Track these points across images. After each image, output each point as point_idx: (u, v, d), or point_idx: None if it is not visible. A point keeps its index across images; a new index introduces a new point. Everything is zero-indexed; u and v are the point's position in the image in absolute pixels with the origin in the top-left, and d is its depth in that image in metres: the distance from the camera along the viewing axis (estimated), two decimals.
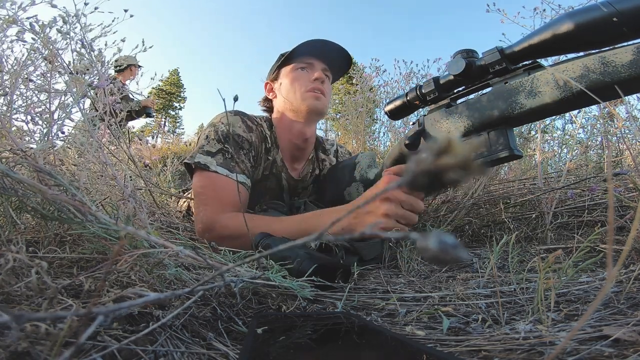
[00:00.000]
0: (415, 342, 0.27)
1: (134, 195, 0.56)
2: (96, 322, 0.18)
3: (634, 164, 0.69)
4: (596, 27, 0.45)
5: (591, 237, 0.43)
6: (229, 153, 0.89)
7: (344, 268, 0.54)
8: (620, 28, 0.43)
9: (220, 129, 0.91)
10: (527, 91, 0.56)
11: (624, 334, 0.29)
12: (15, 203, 0.47)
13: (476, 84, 0.65)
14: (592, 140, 1.33)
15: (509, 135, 0.61)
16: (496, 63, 0.59)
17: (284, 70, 1.04)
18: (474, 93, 0.68)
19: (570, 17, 0.48)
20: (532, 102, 0.56)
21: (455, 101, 0.70)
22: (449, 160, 0.12)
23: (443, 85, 0.68)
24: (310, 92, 0.98)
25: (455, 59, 0.62)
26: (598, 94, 0.48)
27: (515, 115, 0.58)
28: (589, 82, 0.49)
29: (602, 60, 0.48)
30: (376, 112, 2.72)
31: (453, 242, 0.13)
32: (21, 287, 0.30)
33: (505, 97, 0.59)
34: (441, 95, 0.69)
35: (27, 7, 0.61)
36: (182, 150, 4.49)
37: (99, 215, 0.35)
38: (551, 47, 0.52)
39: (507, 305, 0.42)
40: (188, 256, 0.34)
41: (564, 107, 0.54)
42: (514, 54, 0.57)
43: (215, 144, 0.89)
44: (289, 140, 1.05)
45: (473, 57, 0.62)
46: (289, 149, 1.06)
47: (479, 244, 0.89)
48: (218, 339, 0.34)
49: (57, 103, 0.58)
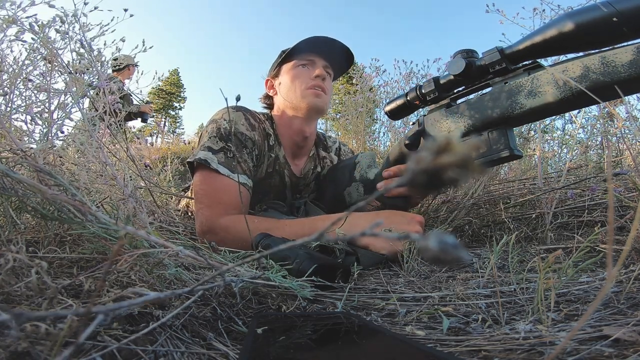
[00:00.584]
0: (415, 342, 0.27)
1: (134, 195, 0.56)
2: (96, 322, 0.18)
3: (634, 164, 0.69)
4: (596, 27, 0.45)
5: (591, 237, 0.43)
6: (231, 152, 0.87)
7: (344, 268, 0.54)
8: (620, 28, 0.44)
9: (222, 126, 0.89)
10: (527, 91, 0.56)
11: (624, 334, 0.29)
12: (15, 203, 0.47)
13: (476, 84, 0.65)
14: (592, 140, 1.33)
15: (509, 135, 0.61)
16: (496, 63, 0.59)
17: (285, 67, 1.03)
18: (474, 93, 0.68)
19: (570, 17, 0.48)
20: (532, 102, 0.56)
21: (455, 101, 0.70)
22: (448, 159, 0.12)
23: (443, 85, 0.68)
24: (311, 90, 0.97)
25: (455, 59, 0.62)
26: (598, 93, 0.49)
27: (515, 115, 0.58)
28: (589, 82, 0.49)
29: (602, 60, 0.48)
30: (376, 112, 2.72)
31: (453, 242, 0.13)
32: (21, 287, 0.30)
33: (505, 97, 0.59)
34: (441, 95, 0.69)
35: (27, 8, 0.60)
36: (182, 150, 4.49)
37: (98, 215, 0.35)
38: (551, 47, 0.52)
39: (507, 305, 0.42)
40: (188, 256, 0.34)
41: (564, 107, 0.55)
42: (514, 54, 0.57)
43: (217, 141, 0.87)
44: (289, 136, 1.04)
45: (473, 57, 0.62)
46: (290, 145, 1.06)
47: (479, 244, 0.89)
48: (218, 339, 0.34)
49: (56, 103, 0.58)
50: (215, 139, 0.88)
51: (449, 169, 0.12)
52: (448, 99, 0.70)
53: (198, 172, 0.87)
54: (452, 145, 0.12)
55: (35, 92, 0.59)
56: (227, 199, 0.83)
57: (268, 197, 1.04)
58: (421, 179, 0.13)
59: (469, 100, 0.66)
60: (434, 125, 0.71)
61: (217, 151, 0.86)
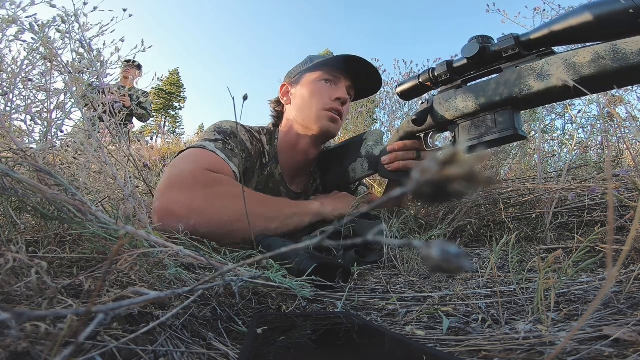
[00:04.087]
0: (415, 342, 0.27)
1: (134, 195, 0.56)
2: (96, 321, 0.18)
3: (634, 164, 0.69)
4: (613, 18, 0.47)
5: (591, 237, 0.43)
6: (230, 145, 0.83)
7: (344, 268, 0.54)
8: (636, 20, 0.45)
9: (223, 127, 0.87)
10: (537, 74, 0.58)
11: (624, 334, 0.29)
12: (15, 203, 0.47)
13: (488, 67, 0.66)
14: (592, 140, 1.33)
15: (515, 117, 0.63)
16: (510, 48, 0.60)
17: (308, 76, 0.95)
18: (485, 77, 0.69)
19: (589, 9, 0.50)
20: (540, 85, 0.57)
21: (465, 83, 0.71)
22: (453, 170, 0.12)
23: (456, 69, 0.69)
24: (327, 112, 0.92)
25: (470, 43, 0.64)
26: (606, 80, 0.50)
27: (522, 97, 0.59)
28: (599, 68, 0.50)
29: (613, 48, 0.49)
30: (376, 112, 2.72)
31: (456, 252, 0.13)
32: (21, 287, 0.30)
33: (515, 79, 0.60)
34: (453, 77, 0.71)
35: (27, 8, 0.60)
36: (182, 149, 4.48)
37: (98, 215, 0.35)
38: (568, 37, 0.54)
39: (507, 305, 0.42)
40: (188, 256, 0.35)
41: (571, 92, 0.55)
42: (529, 41, 0.59)
43: (215, 134, 0.84)
44: (292, 157, 0.99)
45: (488, 43, 0.63)
46: (290, 165, 1.00)
47: (479, 244, 0.89)
48: (218, 339, 0.34)
49: (56, 102, 0.58)
50: (212, 132, 0.85)
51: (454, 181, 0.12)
52: (459, 81, 0.71)
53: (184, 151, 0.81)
54: (457, 157, 0.12)
55: (35, 92, 0.59)
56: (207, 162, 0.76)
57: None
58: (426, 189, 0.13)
59: (479, 82, 0.67)
60: (442, 105, 0.72)
61: (214, 140, 0.82)
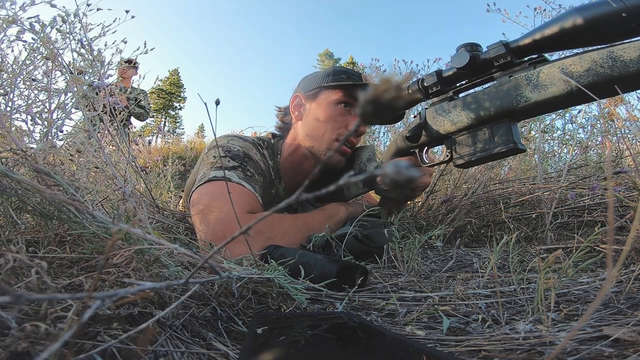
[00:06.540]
0: (415, 342, 0.27)
1: (134, 195, 0.56)
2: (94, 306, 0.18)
3: (634, 164, 0.69)
4: (605, 22, 0.45)
5: (591, 237, 0.43)
6: (249, 171, 0.79)
7: (362, 268, 0.54)
8: (629, 23, 0.44)
9: (233, 148, 0.81)
10: (533, 84, 0.55)
11: (624, 334, 0.29)
12: (15, 203, 0.47)
13: (480, 77, 0.64)
14: (592, 140, 1.33)
15: (513, 129, 0.61)
16: (501, 57, 0.58)
17: (326, 95, 0.89)
18: (477, 87, 0.67)
19: (579, 12, 0.47)
20: (537, 96, 0.55)
21: (457, 94, 0.69)
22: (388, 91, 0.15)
23: (446, 79, 0.67)
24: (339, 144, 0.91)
25: (459, 52, 0.61)
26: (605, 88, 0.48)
27: (520, 109, 0.57)
28: (596, 77, 0.49)
29: (610, 55, 0.47)
30: None
31: (405, 165, 0.15)
32: (21, 287, 0.30)
33: (510, 90, 0.58)
34: (444, 88, 0.68)
35: (27, 8, 0.60)
36: (182, 150, 4.49)
37: (95, 214, 0.35)
38: (559, 42, 0.51)
39: (507, 305, 0.42)
40: (183, 254, 0.35)
41: (570, 101, 0.54)
42: (519, 48, 0.57)
43: (230, 160, 0.79)
44: (293, 176, 0.97)
45: (477, 51, 0.61)
46: (291, 182, 0.99)
47: (479, 244, 0.89)
48: (218, 339, 0.34)
49: (56, 102, 0.58)
50: (226, 159, 0.79)
51: (391, 98, 0.15)
52: (451, 92, 0.69)
53: (206, 184, 0.74)
54: (388, 81, 0.15)
55: (36, 91, 0.59)
56: (248, 205, 0.73)
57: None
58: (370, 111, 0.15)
59: (472, 94, 0.65)
60: (435, 119, 0.70)
61: (232, 168, 0.77)
